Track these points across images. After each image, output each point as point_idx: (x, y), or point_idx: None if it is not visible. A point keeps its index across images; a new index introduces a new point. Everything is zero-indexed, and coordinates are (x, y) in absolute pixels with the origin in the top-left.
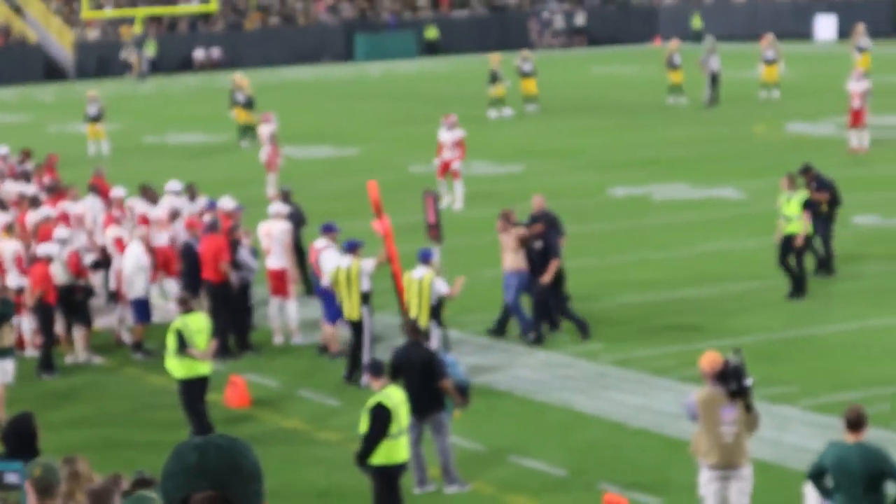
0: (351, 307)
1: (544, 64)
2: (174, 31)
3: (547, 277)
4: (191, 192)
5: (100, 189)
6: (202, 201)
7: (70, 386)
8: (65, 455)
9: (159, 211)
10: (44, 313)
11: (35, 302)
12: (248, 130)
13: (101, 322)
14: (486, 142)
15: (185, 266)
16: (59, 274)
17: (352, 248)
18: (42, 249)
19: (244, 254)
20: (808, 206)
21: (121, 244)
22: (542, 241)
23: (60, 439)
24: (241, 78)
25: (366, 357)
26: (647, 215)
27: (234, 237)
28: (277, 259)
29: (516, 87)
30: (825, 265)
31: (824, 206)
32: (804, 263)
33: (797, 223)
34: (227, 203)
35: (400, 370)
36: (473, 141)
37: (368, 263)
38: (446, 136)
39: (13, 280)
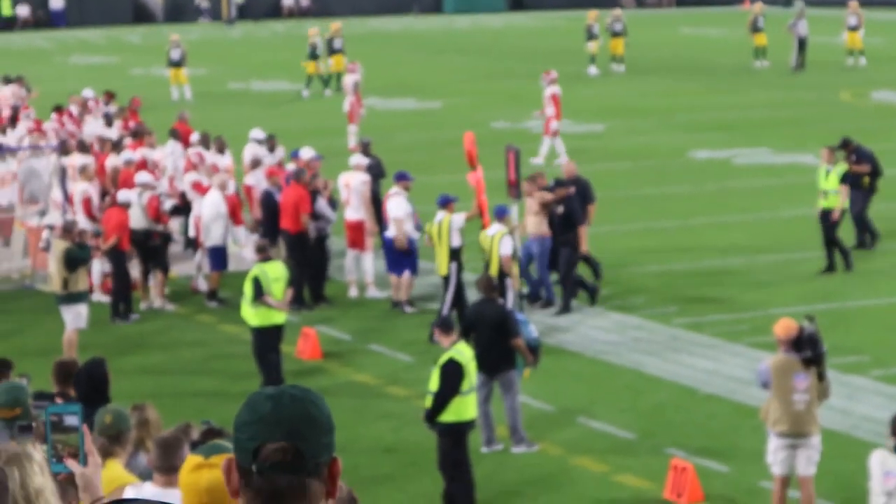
0: (441, 262)
1: (633, 23)
2: None
3: (584, 246)
4: (270, 143)
5: (181, 134)
6: (281, 152)
7: (142, 332)
8: (134, 402)
9: (227, 160)
10: (117, 259)
11: (109, 247)
12: (326, 80)
13: (178, 269)
14: (570, 100)
15: (264, 215)
16: (137, 219)
17: (445, 202)
18: (121, 195)
19: (322, 205)
20: (847, 179)
21: (200, 189)
22: (564, 206)
23: (130, 386)
24: (313, 29)
25: (444, 312)
26: (728, 179)
27: (313, 187)
28: (355, 211)
29: (605, 46)
30: (867, 237)
31: (866, 178)
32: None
33: (834, 197)
34: (305, 153)
35: (473, 327)
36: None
37: (459, 218)
38: (546, 91)
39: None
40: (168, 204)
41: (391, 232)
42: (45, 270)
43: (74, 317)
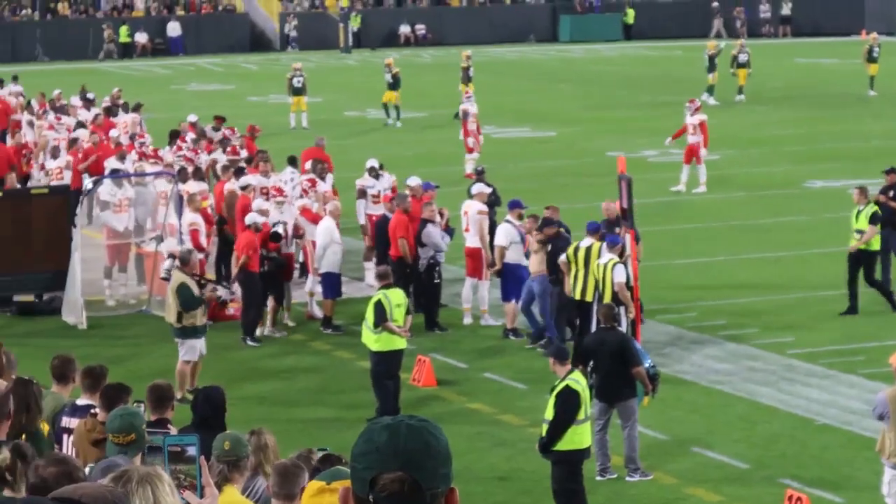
0: (583, 288)
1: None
2: (380, 5)
3: (567, 287)
4: (373, 171)
5: (300, 161)
6: (387, 179)
7: (257, 359)
8: (251, 427)
9: (326, 185)
10: (249, 281)
11: (239, 270)
12: (393, 109)
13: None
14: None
15: (379, 240)
16: None
17: (594, 228)
18: (248, 218)
19: (432, 233)
20: (875, 220)
21: (308, 215)
22: (551, 245)
23: (245, 412)
24: (390, 59)
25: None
26: (843, 209)
27: (427, 215)
28: (473, 238)
29: (724, 75)
30: None
31: None
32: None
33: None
34: (412, 181)
35: (593, 354)
36: (672, 128)
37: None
38: (690, 119)
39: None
40: (279, 229)
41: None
42: (161, 296)
43: (187, 350)
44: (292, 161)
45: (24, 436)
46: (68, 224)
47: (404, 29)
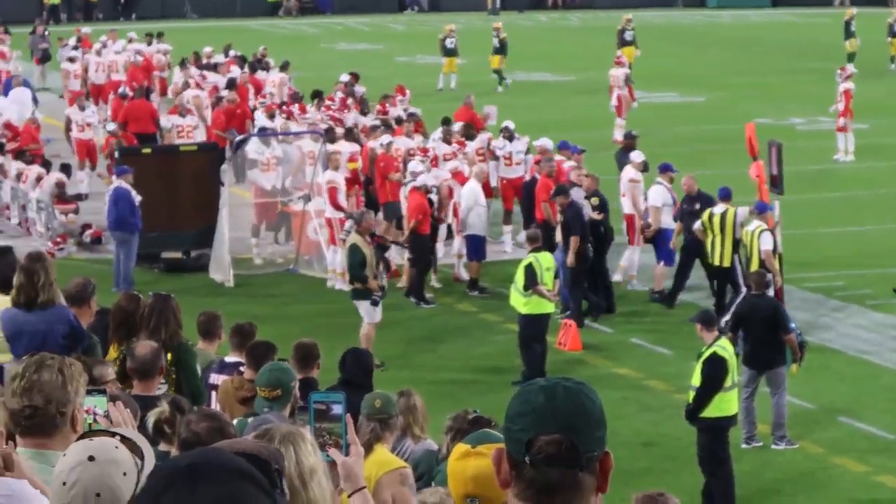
0: (721, 253)
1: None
2: None
3: (570, 258)
4: (507, 132)
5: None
6: (521, 142)
7: (399, 321)
8: (400, 389)
9: (470, 147)
10: (418, 243)
11: (410, 232)
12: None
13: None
14: (831, 98)
15: (525, 204)
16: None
17: (726, 194)
18: (420, 179)
19: (578, 196)
20: None
21: (460, 178)
22: (563, 216)
23: (388, 374)
24: (498, 24)
25: (728, 305)
26: None
27: (572, 179)
28: (626, 204)
29: (867, 44)
30: None
31: None
32: None
33: None
34: (543, 143)
35: (745, 321)
36: (820, 95)
37: (742, 210)
38: (840, 87)
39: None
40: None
41: (655, 222)
42: (309, 255)
43: (367, 311)
44: (446, 122)
45: (169, 353)
46: (216, 181)
47: None
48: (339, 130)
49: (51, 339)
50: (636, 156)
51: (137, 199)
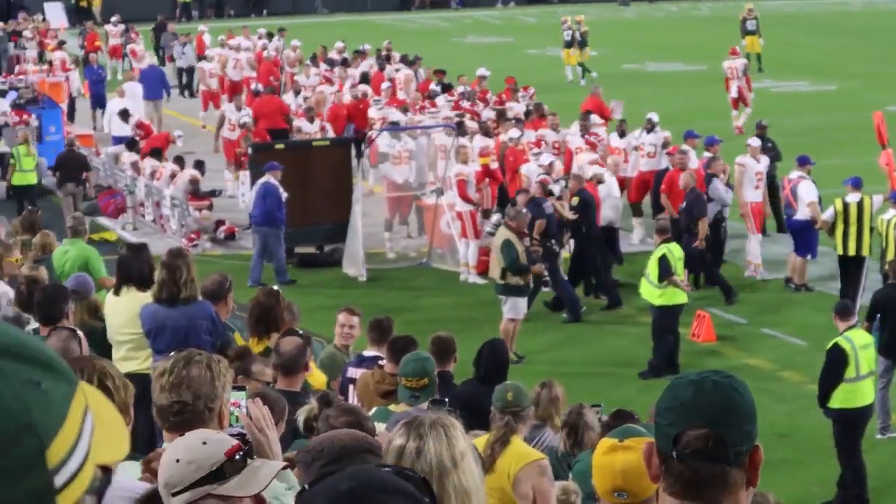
0: (857, 243)
1: None
2: None
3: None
4: (650, 124)
5: (595, 109)
6: (660, 135)
7: (532, 316)
8: (541, 380)
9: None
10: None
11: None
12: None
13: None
14: None
15: (656, 195)
16: None
17: (857, 183)
18: (595, 170)
19: (719, 187)
20: None
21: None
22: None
23: (525, 368)
24: (568, 17)
25: (857, 296)
26: None
27: (712, 170)
28: (748, 193)
29: None
30: None
31: None
32: None
33: None
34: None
35: (881, 309)
36: None
37: (878, 199)
38: None
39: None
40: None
41: (801, 214)
42: (441, 249)
43: (511, 307)
44: (584, 116)
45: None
46: (349, 176)
47: None
48: (472, 124)
49: (193, 335)
50: (753, 140)
51: (284, 195)
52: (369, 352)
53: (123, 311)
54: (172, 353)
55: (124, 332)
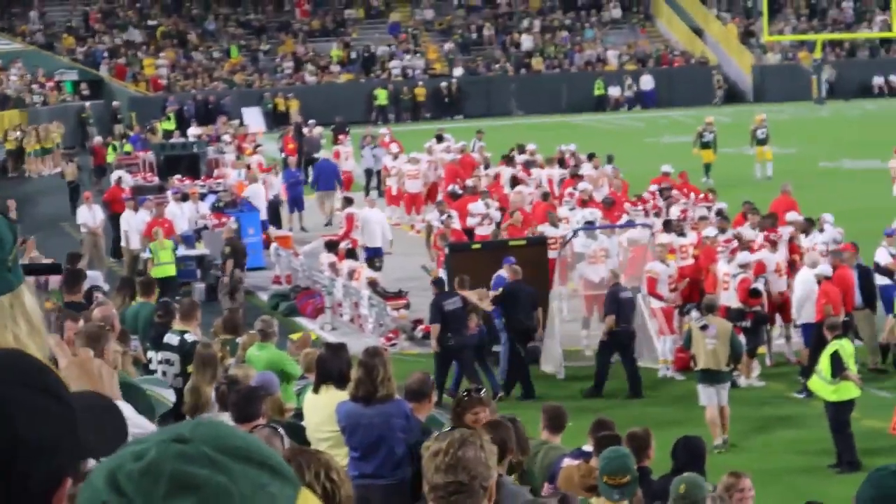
0: None
1: None
2: (853, 56)
3: None
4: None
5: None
6: (832, 232)
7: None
8: (731, 470)
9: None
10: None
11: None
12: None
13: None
14: None
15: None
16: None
17: None
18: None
19: None
20: None
21: (760, 268)
22: None
23: (719, 459)
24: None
25: None
26: None
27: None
28: None
29: None
30: None
31: None
32: None
33: None
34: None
35: None
36: None
37: None
38: None
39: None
40: (759, 285)
41: None
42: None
43: (721, 394)
44: (770, 216)
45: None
46: (546, 275)
47: (878, 80)
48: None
49: (388, 433)
50: None
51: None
52: (588, 447)
53: (322, 409)
54: (444, 433)
55: (323, 429)
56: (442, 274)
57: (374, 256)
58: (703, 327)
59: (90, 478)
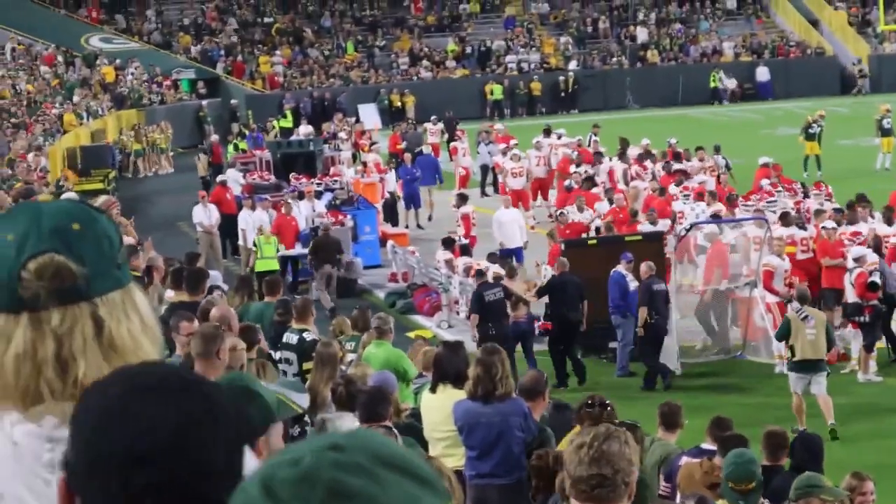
0: None
1: None
2: None
3: None
4: None
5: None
6: None
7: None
8: (854, 471)
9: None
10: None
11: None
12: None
13: None
14: None
15: None
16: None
17: None
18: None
19: None
20: None
21: None
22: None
23: (853, 453)
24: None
25: None
26: None
27: None
28: None
29: None
30: None
31: None
32: None
33: None
34: None
35: None
36: None
37: None
38: None
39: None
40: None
41: None
42: (755, 341)
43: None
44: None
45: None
46: (663, 270)
47: None
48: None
49: (506, 432)
50: None
51: (633, 284)
52: (707, 444)
53: (440, 408)
54: (589, 427)
55: (441, 429)
56: (546, 271)
57: (508, 256)
58: (805, 318)
59: (243, 484)
